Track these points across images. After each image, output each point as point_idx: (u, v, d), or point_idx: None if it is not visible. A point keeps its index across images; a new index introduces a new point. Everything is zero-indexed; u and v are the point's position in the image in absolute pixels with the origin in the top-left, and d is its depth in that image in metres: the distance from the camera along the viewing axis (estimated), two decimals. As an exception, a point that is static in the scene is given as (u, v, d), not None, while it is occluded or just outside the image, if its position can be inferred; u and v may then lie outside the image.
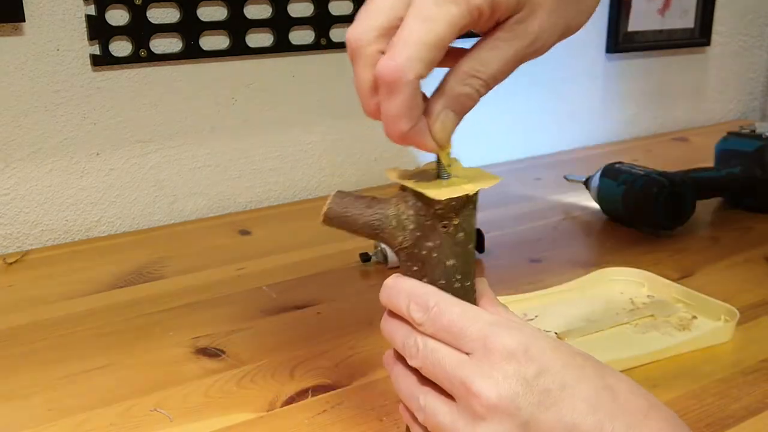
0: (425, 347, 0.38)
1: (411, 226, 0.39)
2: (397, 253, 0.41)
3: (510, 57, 0.37)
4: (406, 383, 0.40)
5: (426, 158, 0.42)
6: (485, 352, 0.36)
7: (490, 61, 0.37)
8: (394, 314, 0.41)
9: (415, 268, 0.40)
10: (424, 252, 0.39)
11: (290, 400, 0.54)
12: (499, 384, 0.35)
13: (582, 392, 0.35)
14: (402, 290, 0.39)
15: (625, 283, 0.71)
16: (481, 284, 0.42)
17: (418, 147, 0.38)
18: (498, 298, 0.42)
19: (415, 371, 0.39)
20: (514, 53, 0.37)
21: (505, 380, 0.35)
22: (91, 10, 0.84)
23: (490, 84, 0.37)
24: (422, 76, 0.35)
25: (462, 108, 0.37)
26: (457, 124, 0.38)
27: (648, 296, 0.69)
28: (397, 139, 0.37)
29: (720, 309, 0.63)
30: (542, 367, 0.35)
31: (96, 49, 0.86)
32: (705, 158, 0.99)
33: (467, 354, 0.36)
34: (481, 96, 0.38)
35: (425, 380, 0.39)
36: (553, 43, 0.39)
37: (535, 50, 0.38)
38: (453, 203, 0.38)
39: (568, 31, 0.39)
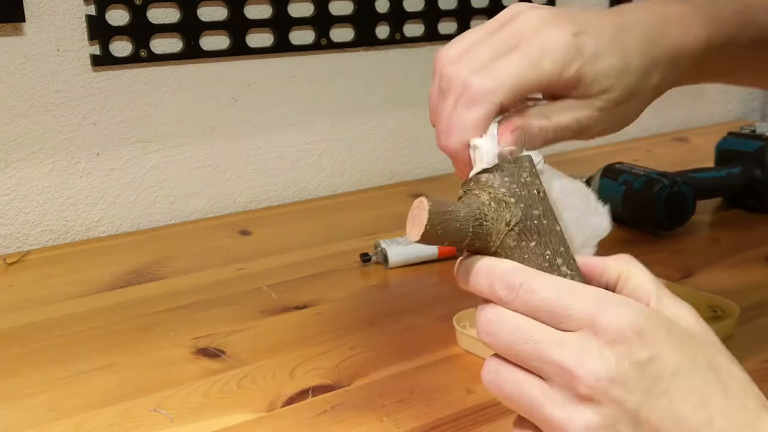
0: (515, 326, 0.35)
1: (512, 200, 0.37)
2: (503, 241, 0.37)
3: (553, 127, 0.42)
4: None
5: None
6: (592, 331, 0.33)
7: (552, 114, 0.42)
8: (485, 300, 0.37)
9: (532, 243, 0.37)
10: (535, 222, 0.37)
11: (290, 401, 0.54)
12: (607, 366, 0.32)
13: (693, 383, 0.33)
14: (480, 268, 0.36)
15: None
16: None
17: (458, 162, 0.41)
18: None
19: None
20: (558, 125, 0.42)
21: (614, 362, 0.32)
22: (92, 10, 0.84)
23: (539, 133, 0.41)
24: (503, 104, 0.39)
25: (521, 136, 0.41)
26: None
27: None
28: (450, 148, 0.40)
29: (719, 305, 0.63)
30: (655, 351, 0.33)
31: (96, 49, 0.86)
32: (705, 158, 0.99)
33: (568, 332, 0.34)
34: (527, 139, 0.41)
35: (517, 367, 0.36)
36: (594, 137, 0.45)
37: (582, 135, 0.43)
38: (533, 164, 0.38)
39: (609, 130, 0.45)
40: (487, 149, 0.39)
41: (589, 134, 0.44)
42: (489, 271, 0.36)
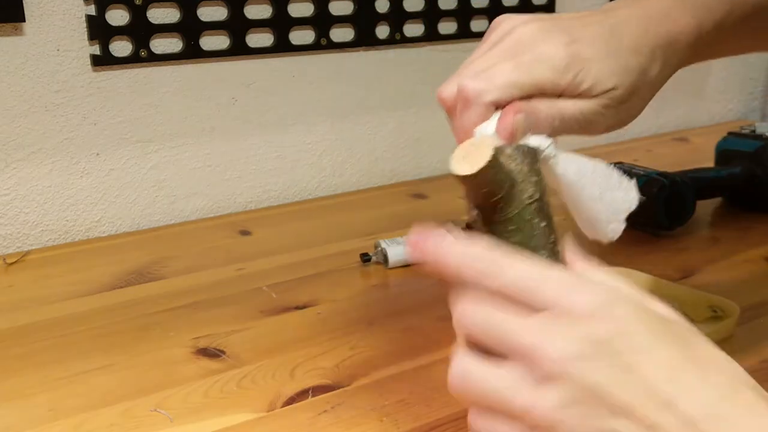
0: (473, 312, 0.35)
1: (535, 178, 0.38)
2: (521, 211, 0.38)
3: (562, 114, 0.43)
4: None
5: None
6: (557, 311, 0.33)
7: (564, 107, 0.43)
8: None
9: (543, 223, 0.38)
10: (547, 205, 0.38)
11: (290, 401, 0.54)
12: (569, 344, 0.32)
13: (661, 359, 0.32)
14: (448, 252, 0.36)
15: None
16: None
17: None
18: None
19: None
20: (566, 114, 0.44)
21: (577, 340, 0.32)
22: (92, 10, 0.84)
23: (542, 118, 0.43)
24: (496, 103, 0.41)
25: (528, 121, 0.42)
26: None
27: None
28: None
29: (719, 305, 0.63)
30: (619, 329, 0.32)
31: (96, 49, 0.86)
32: (705, 158, 0.99)
33: (532, 315, 0.34)
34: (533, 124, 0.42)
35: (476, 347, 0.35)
36: (601, 132, 0.47)
37: (588, 129, 0.45)
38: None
39: (616, 126, 0.47)
40: (483, 130, 0.41)
41: (597, 130, 0.45)
42: (463, 251, 0.36)
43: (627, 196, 0.42)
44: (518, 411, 0.33)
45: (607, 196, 0.42)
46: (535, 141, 0.41)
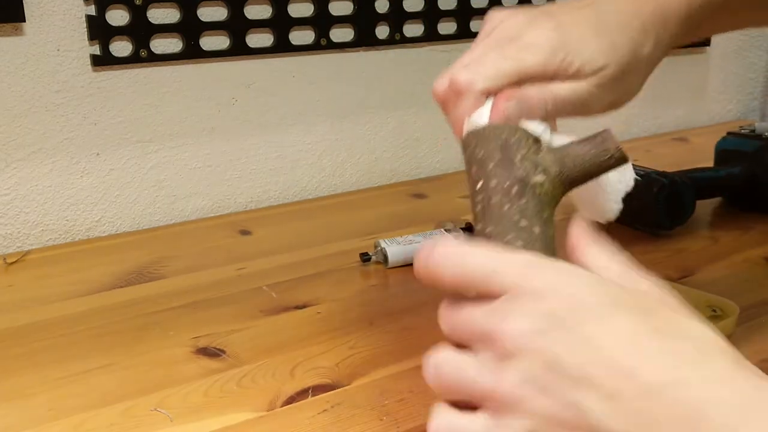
0: (446, 311, 0.36)
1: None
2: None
3: (559, 98, 0.43)
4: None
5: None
6: (516, 293, 0.33)
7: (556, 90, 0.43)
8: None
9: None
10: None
11: (290, 400, 0.54)
12: (524, 320, 0.32)
13: (621, 329, 0.32)
14: (435, 255, 0.36)
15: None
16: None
17: None
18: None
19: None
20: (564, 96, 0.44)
21: (531, 316, 0.32)
22: (92, 10, 0.85)
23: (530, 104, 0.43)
24: (486, 91, 0.42)
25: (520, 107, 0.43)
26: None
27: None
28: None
29: (718, 305, 0.63)
30: (577, 303, 0.32)
31: (96, 50, 0.86)
32: (705, 158, 0.99)
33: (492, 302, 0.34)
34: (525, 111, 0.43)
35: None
36: (599, 112, 0.46)
37: (584, 110, 0.45)
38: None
39: (614, 105, 0.46)
40: (474, 118, 0.41)
41: (594, 110, 0.45)
42: (441, 251, 0.36)
43: (623, 177, 0.43)
44: (485, 393, 0.33)
45: (602, 178, 0.42)
46: (529, 127, 0.41)
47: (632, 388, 0.30)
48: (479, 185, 0.39)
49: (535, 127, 0.41)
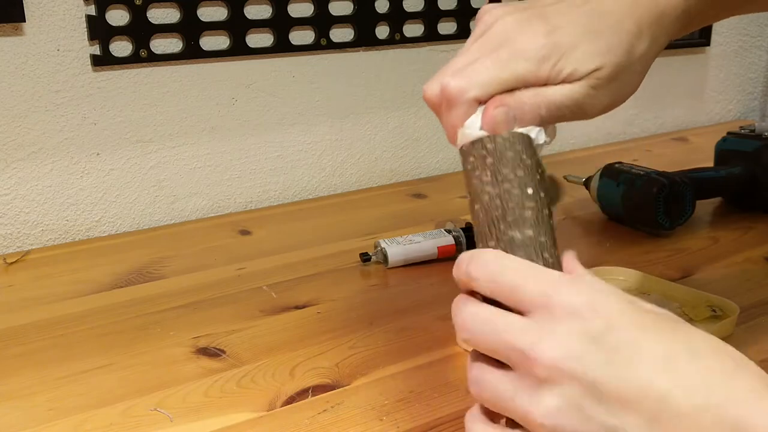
0: (473, 315, 0.36)
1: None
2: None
3: (550, 102, 0.43)
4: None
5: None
6: (546, 311, 0.33)
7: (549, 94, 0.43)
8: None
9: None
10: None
11: (290, 400, 0.54)
12: (560, 343, 0.32)
13: (655, 351, 0.32)
14: (464, 255, 0.37)
15: (619, 283, 0.71)
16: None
17: None
18: None
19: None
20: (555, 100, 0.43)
21: (568, 339, 0.32)
22: (92, 10, 0.85)
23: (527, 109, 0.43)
24: (478, 99, 0.41)
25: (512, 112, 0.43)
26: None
27: (644, 295, 0.69)
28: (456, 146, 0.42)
29: (718, 305, 0.63)
30: (610, 323, 0.32)
31: (96, 50, 0.86)
32: (705, 158, 0.99)
33: (525, 315, 0.34)
34: (517, 116, 0.43)
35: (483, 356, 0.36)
36: (597, 114, 0.45)
37: (581, 112, 0.44)
38: None
39: (611, 105, 0.46)
40: (468, 126, 0.41)
41: (592, 112, 0.45)
42: (463, 256, 0.37)
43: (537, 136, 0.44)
44: (525, 416, 0.33)
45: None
46: (523, 132, 0.41)
47: (671, 411, 0.31)
48: (490, 193, 0.39)
49: (530, 132, 0.41)
